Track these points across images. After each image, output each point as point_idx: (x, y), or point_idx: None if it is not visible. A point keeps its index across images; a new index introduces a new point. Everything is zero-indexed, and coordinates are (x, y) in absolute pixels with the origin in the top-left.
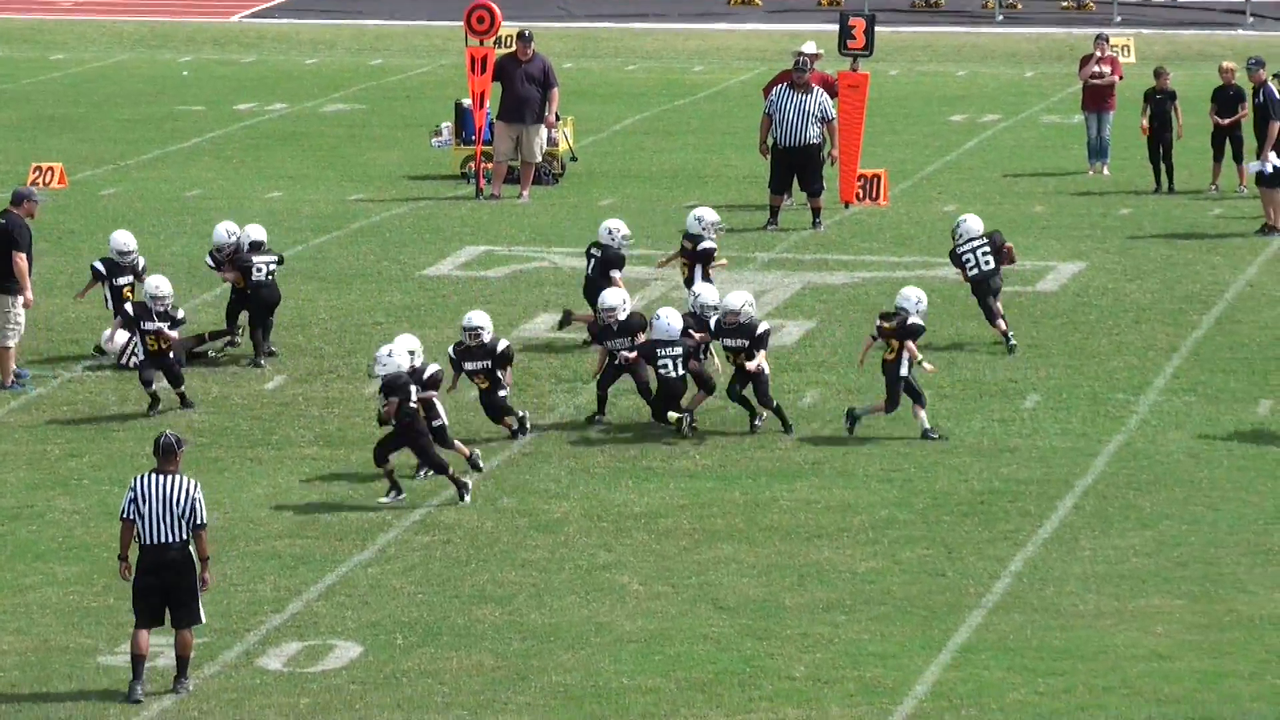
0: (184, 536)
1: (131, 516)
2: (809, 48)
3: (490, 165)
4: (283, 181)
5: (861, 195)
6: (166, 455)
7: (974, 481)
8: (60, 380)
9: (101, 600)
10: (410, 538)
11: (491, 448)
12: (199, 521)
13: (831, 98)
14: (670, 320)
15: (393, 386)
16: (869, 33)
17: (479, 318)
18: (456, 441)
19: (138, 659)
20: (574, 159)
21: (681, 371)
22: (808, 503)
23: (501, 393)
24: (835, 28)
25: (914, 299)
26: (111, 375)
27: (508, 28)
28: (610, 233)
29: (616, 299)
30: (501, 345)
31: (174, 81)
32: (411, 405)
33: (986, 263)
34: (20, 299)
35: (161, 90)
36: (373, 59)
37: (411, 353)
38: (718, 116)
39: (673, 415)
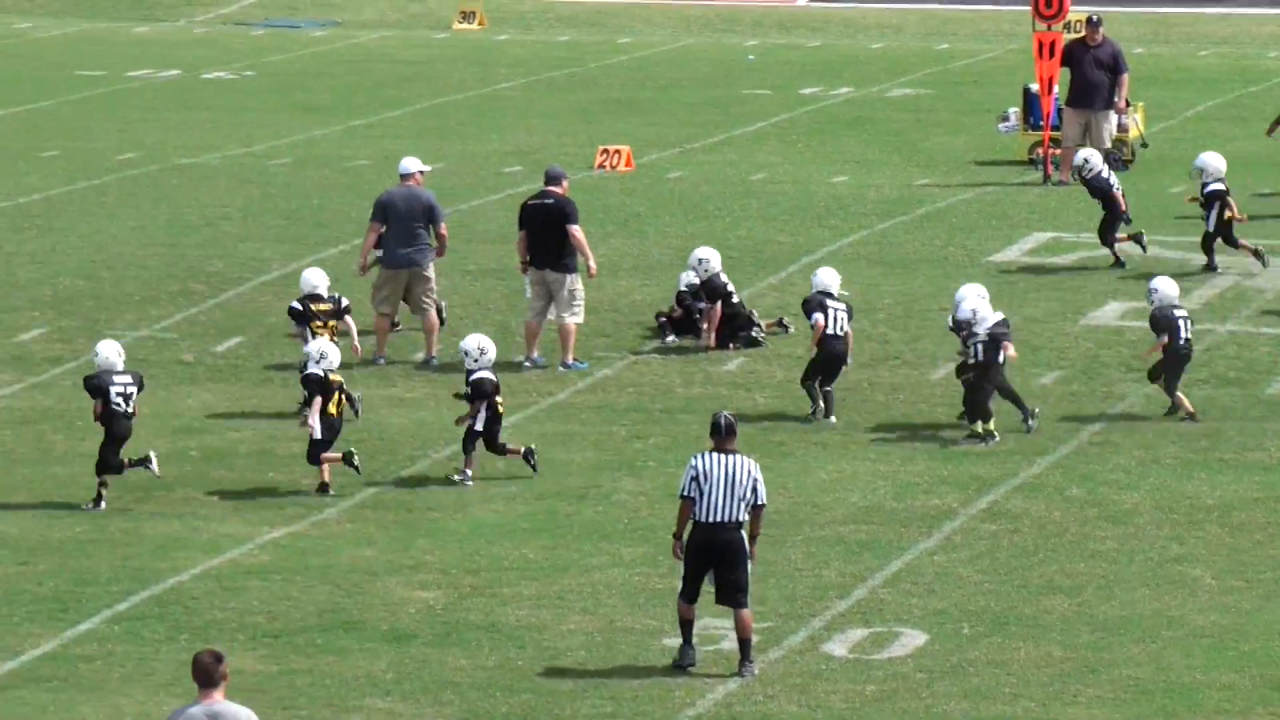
0: (741, 517)
1: (692, 494)
2: None
3: (1058, 151)
4: (848, 166)
5: None
6: (729, 434)
7: None
8: (627, 362)
9: (667, 582)
10: (976, 526)
11: (1060, 434)
12: (760, 501)
13: None
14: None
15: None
16: None
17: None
18: None
19: (686, 623)
20: (1145, 145)
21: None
22: None
23: None
24: None
25: None
26: (677, 358)
27: (1076, 12)
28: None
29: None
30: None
31: (739, 65)
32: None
33: None
34: (577, 276)
35: (727, 74)
36: (939, 43)
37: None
38: None
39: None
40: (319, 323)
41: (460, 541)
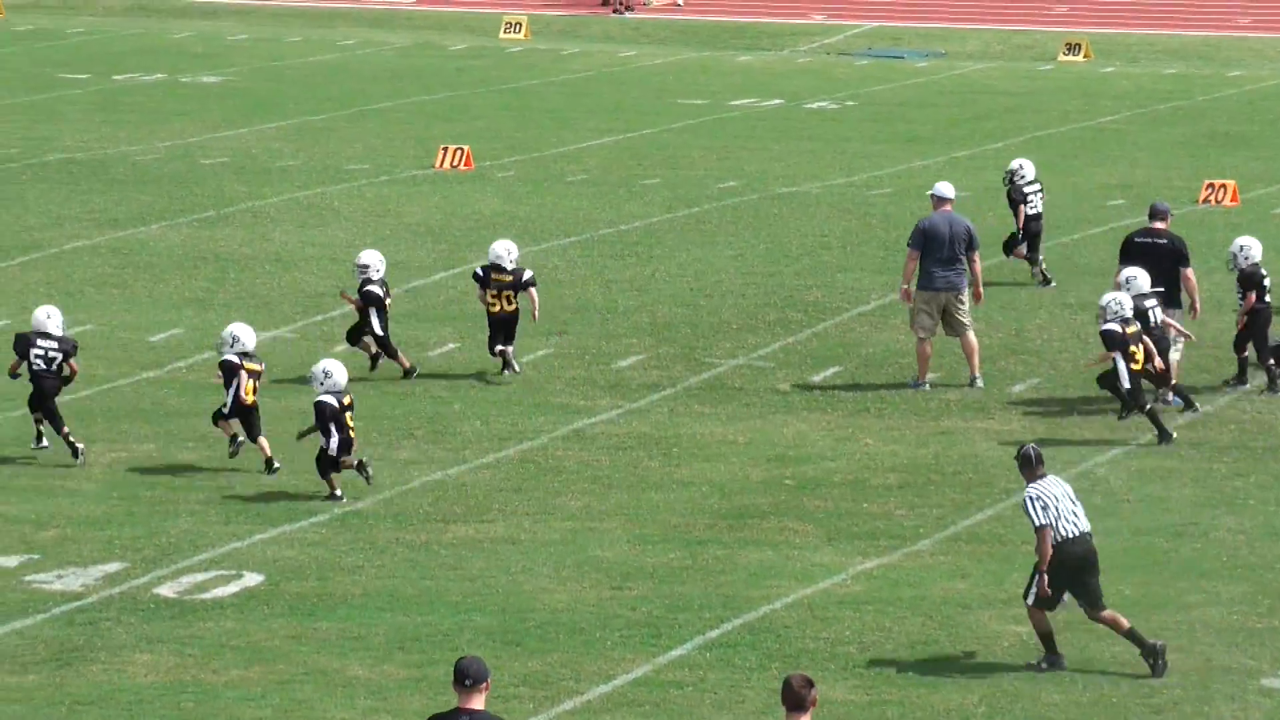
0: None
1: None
2: None
3: None
4: None
5: None
6: (1039, 463)
7: None
8: (1230, 397)
9: (1266, 622)
10: None
11: None
12: None
13: None
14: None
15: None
16: None
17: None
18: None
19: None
20: None
21: None
22: None
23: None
24: None
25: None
26: None
27: None
28: None
29: None
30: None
31: None
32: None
33: None
34: (1178, 312)
35: None
36: None
37: None
38: None
39: None
40: (494, 291)
41: None
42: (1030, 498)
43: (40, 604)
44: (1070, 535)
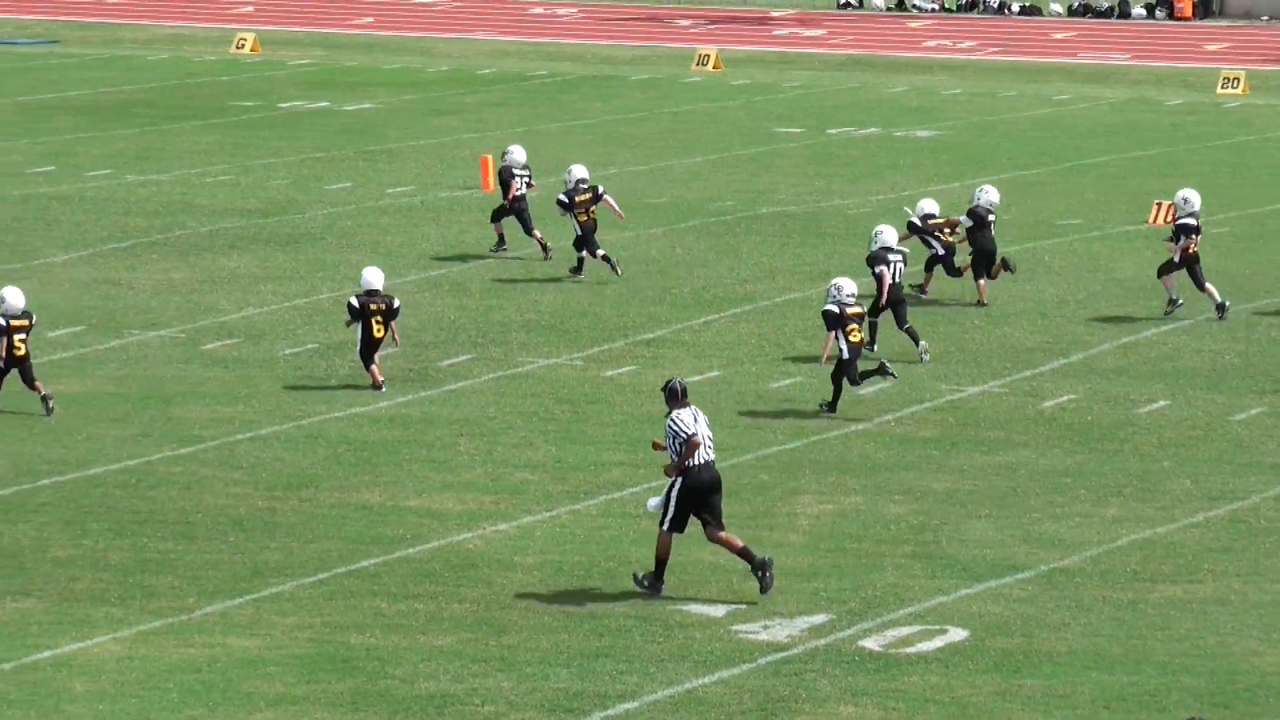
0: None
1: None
2: None
3: None
4: None
5: None
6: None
7: None
8: None
9: None
10: None
11: None
12: None
13: None
14: None
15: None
16: None
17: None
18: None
19: None
20: None
21: None
22: None
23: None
24: None
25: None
26: None
27: None
28: None
29: None
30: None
31: None
32: None
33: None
34: None
35: None
36: None
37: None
38: None
39: None
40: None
41: None
42: (673, 421)
43: (746, 654)
44: (702, 463)
